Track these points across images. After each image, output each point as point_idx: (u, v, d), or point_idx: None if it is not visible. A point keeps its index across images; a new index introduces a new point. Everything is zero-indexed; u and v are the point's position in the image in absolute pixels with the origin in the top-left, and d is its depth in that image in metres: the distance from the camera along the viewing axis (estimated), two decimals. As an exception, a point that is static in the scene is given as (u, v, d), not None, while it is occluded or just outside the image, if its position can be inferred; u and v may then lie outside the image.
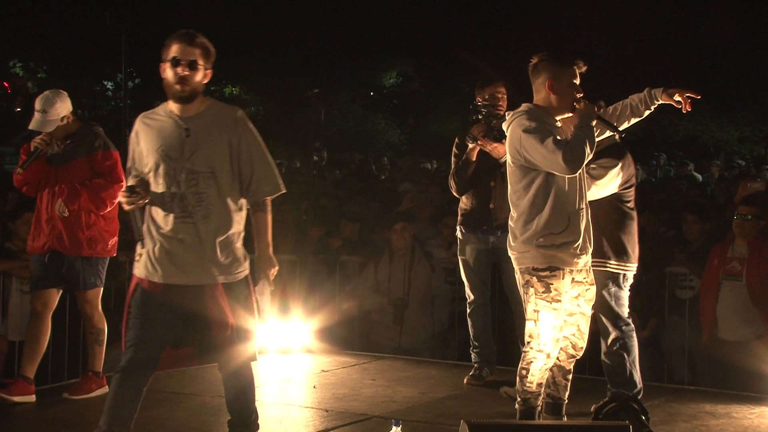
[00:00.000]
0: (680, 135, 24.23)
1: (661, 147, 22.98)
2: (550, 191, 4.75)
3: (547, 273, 4.75)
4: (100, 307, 6.02)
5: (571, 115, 4.85)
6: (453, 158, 6.34)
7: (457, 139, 6.36)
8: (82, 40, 22.53)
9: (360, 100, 28.24)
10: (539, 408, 4.87)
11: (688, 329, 7.35)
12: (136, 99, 26.50)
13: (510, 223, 4.90)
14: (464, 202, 6.37)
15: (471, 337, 6.45)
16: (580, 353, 5.00)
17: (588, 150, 4.66)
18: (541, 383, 4.85)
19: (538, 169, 4.73)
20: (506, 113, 6.15)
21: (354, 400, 5.97)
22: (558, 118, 4.85)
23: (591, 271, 4.96)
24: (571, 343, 4.96)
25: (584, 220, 4.84)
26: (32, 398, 5.85)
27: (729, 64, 21.28)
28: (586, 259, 4.86)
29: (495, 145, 6.11)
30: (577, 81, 4.85)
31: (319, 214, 9.59)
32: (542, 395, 4.88)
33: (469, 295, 6.40)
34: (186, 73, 4.28)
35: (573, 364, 5.03)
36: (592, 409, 5.23)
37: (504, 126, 4.95)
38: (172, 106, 4.39)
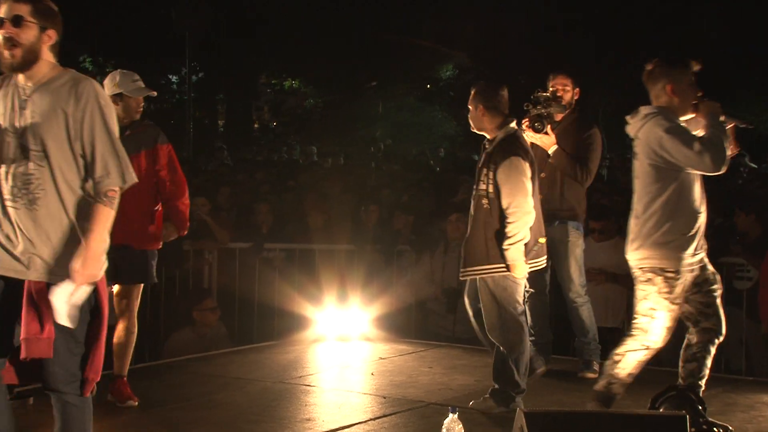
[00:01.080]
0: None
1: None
2: (684, 193, 4.79)
3: (673, 274, 4.80)
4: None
5: (693, 116, 4.88)
6: None
7: None
8: (149, 35, 22.94)
9: (416, 92, 28.28)
10: (617, 398, 4.93)
11: (746, 320, 7.32)
12: (200, 92, 26.90)
13: (633, 221, 4.90)
14: None
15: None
16: None
17: (726, 146, 4.68)
18: (632, 374, 4.94)
19: (677, 169, 4.74)
20: (570, 106, 6.22)
21: (411, 387, 6.07)
22: (682, 119, 4.87)
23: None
24: None
25: (704, 223, 4.91)
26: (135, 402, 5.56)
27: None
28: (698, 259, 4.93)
29: (540, 136, 6.16)
30: (695, 80, 4.87)
31: (377, 205, 9.71)
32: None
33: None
34: (11, 32, 3.55)
35: None
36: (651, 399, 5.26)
37: (630, 129, 4.92)
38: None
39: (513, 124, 5.41)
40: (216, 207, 9.46)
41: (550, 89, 6.29)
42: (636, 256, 4.90)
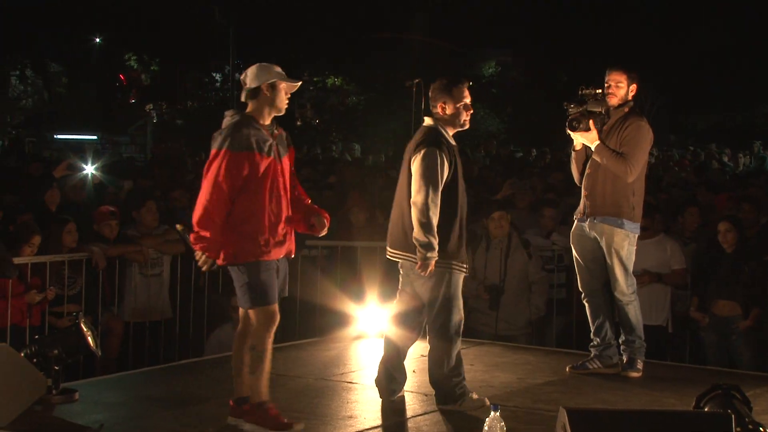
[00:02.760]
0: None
1: (761, 135, 22.39)
2: None
3: None
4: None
5: None
6: None
7: None
8: (193, 33, 23.17)
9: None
10: None
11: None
12: (243, 90, 27.14)
13: None
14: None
15: None
16: None
17: None
18: None
19: None
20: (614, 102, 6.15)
21: (452, 385, 6.06)
22: None
23: None
24: None
25: None
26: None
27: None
28: None
29: (580, 133, 6.12)
30: None
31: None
32: None
33: (579, 284, 6.43)
34: None
35: None
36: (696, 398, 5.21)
37: None
38: None
39: None
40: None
41: (605, 85, 6.24)
42: None
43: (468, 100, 5.51)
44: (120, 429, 5.15)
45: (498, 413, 4.34)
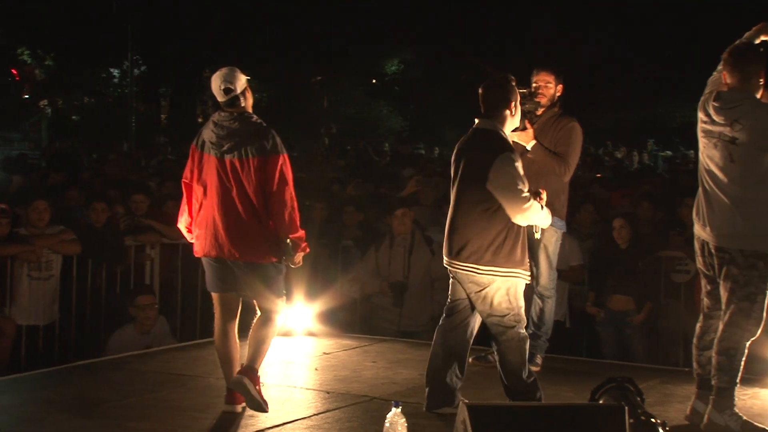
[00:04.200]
0: (677, 121, 24.33)
1: (656, 134, 23.12)
2: None
3: None
4: (215, 320, 5.48)
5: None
6: None
7: None
8: (89, 27, 22.61)
9: (362, 87, 28.24)
10: None
11: (684, 312, 7.46)
12: (142, 86, 26.59)
13: (728, 203, 4.89)
14: None
15: None
16: None
17: None
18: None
19: None
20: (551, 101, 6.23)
21: (355, 382, 6.08)
22: None
23: None
24: None
25: None
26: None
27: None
28: None
29: (518, 132, 6.17)
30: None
31: (326, 200, 9.69)
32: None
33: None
34: None
35: None
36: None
37: (725, 114, 4.92)
38: None
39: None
40: (161, 198, 9.37)
41: (533, 85, 6.30)
42: (736, 242, 4.89)
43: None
44: (13, 433, 5.01)
45: (399, 409, 4.37)
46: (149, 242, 8.34)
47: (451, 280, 5.37)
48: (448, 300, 5.41)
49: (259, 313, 5.37)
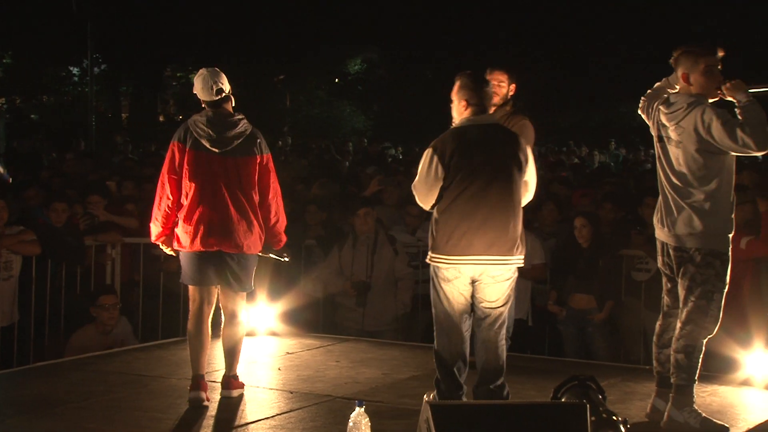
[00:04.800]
0: (638, 121, 24.59)
1: (618, 133, 23.34)
2: (730, 176, 4.96)
3: (726, 258, 4.95)
4: (190, 305, 5.67)
5: (715, 99, 5.00)
6: None
7: None
8: (49, 25, 22.33)
9: (325, 86, 28.19)
10: None
11: (644, 311, 7.53)
12: (103, 85, 26.33)
13: (683, 203, 4.95)
14: None
15: None
16: None
17: (767, 124, 4.80)
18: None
19: (724, 153, 4.87)
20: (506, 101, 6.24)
21: (318, 382, 6.07)
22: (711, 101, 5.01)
23: None
24: None
25: None
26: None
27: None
28: None
29: None
30: (713, 66, 4.98)
31: (289, 199, 9.64)
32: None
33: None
34: None
35: None
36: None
37: (668, 117, 4.98)
38: None
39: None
40: (121, 199, 9.28)
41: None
42: (692, 241, 4.95)
43: None
44: (-30, 436, 4.94)
45: (363, 409, 4.37)
46: (110, 242, 8.27)
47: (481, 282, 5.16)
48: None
49: (224, 315, 5.60)
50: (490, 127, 5.25)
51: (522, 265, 5.23)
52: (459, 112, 5.25)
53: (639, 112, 5.34)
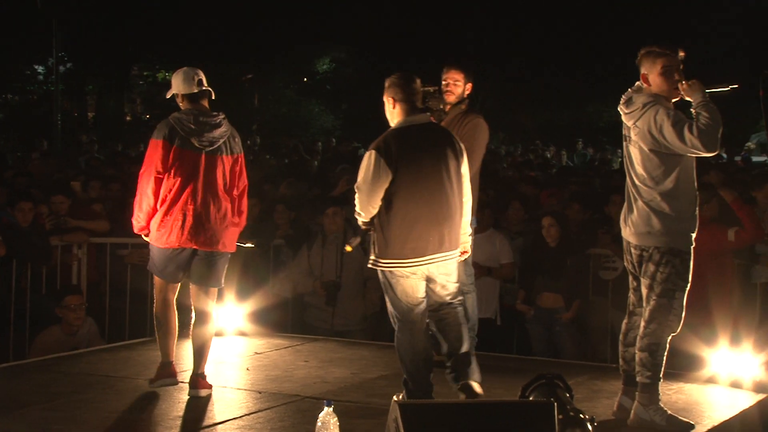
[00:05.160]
0: (604, 121, 24.77)
1: (585, 133, 23.49)
2: (688, 175, 4.99)
3: (687, 256, 4.99)
4: (156, 293, 5.80)
5: (676, 100, 5.03)
6: None
7: None
8: (13, 22, 22.05)
9: (294, 85, 28.10)
10: None
11: (611, 309, 7.58)
12: (68, 84, 26.07)
13: (642, 203, 4.99)
14: None
15: None
16: None
17: (720, 125, 4.84)
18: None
19: (678, 154, 4.90)
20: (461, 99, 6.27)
21: (286, 382, 6.06)
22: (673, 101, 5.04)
23: None
24: None
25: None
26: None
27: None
28: None
29: None
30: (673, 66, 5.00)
31: (257, 198, 9.61)
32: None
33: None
34: None
35: None
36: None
37: (627, 118, 5.03)
38: None
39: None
40: (87, 200, 9.20)
41: (442, 83, 6.33)
42: (654, 238, 4.99)
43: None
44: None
45: (331, 408, 4.36)
46: (76, 242, 8.19)
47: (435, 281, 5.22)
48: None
49: (194, 314, 5.69)
50: (428, 126, 5.29)
51: (468, 241, 5.39)
52: (389, 111, 5.29)
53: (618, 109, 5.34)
